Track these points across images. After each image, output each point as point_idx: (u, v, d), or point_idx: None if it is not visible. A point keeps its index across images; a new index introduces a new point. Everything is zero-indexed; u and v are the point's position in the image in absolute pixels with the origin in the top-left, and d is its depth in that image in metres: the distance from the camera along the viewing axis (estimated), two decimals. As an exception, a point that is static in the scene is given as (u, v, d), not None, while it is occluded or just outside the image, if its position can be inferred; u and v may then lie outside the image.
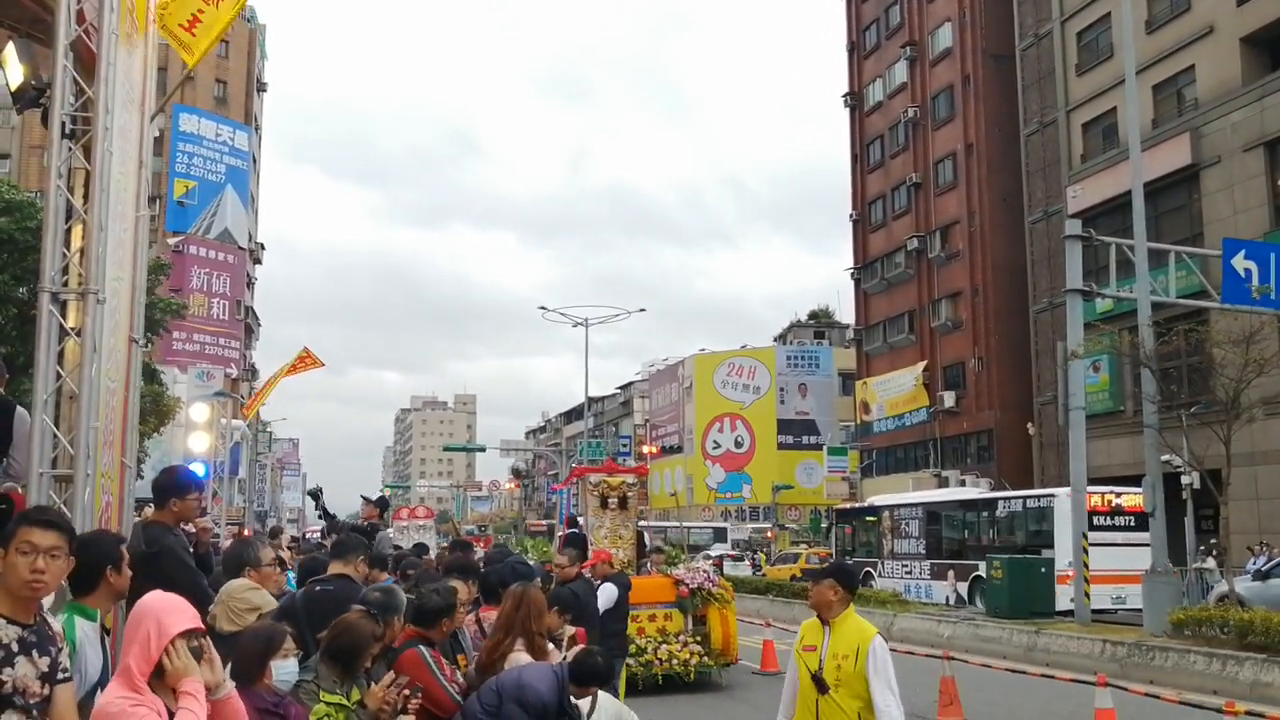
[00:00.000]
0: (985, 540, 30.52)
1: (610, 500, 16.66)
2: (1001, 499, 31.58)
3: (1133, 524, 26.61)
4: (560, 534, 18.07)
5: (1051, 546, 26.93)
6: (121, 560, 4.55)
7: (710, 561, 29.92)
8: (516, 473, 65.99)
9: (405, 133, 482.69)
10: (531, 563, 13.74)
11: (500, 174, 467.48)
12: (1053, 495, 28.67)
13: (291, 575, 12.76)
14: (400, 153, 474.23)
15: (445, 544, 19.14)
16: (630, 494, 16.93)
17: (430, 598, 6.29)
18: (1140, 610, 23.70)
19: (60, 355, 6.16)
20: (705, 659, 15.69)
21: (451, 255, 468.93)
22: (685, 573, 16.31)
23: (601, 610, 11.12)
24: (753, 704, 14.84)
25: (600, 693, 7.95)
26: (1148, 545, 25.78)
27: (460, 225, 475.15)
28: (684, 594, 15.79)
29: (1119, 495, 26.76)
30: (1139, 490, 27.23)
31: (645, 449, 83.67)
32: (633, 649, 14.50)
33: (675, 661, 15.33)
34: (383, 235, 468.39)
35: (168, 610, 3.75)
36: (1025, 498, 30.35)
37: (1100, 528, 24.84)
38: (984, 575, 28.52)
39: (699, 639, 15.77)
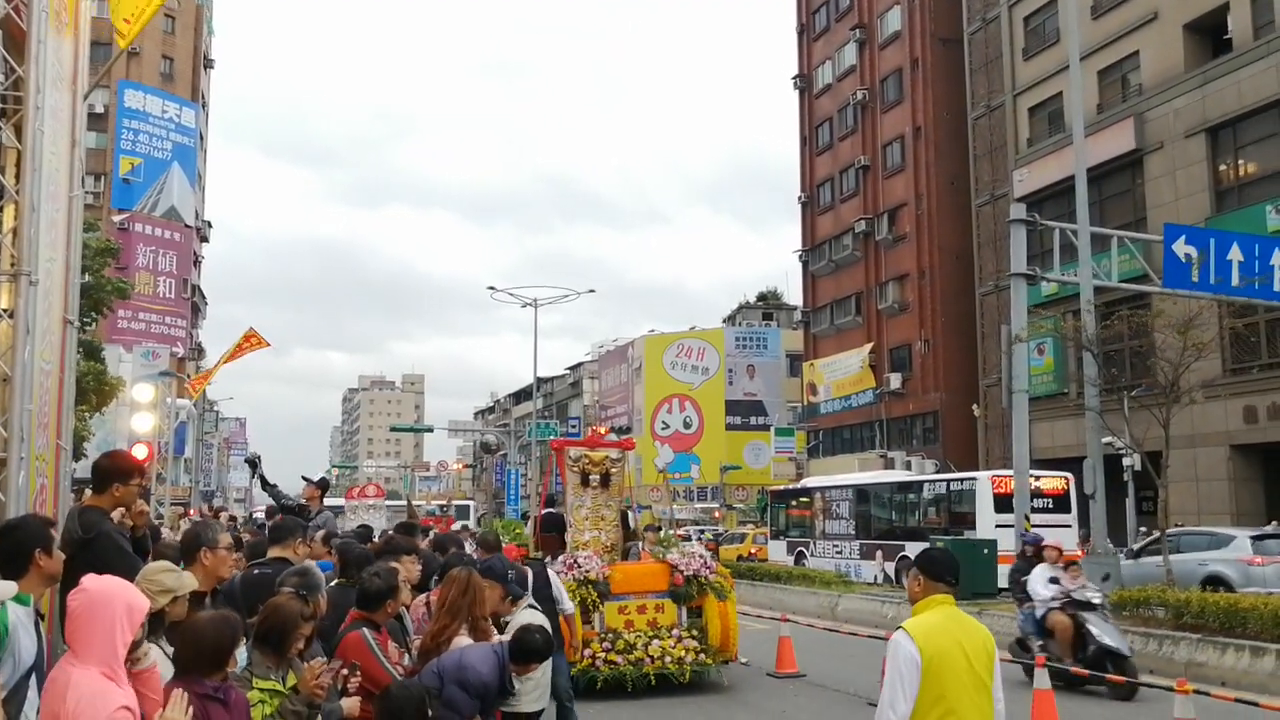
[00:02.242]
0: (911, 521, 31.28)
1: (591, 477, 15.02)
2: (927, 481, 32.43)
3: (1051, 506, 27.46)
4: (536, 515, 16.35)
5: (974, 527, 27.69)
6: (51, 543, 4.50)
7: (704, 544, 29.79)
8: (486, 448, 64.65)
9: (340, 113, 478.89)
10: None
11: (437, 156, 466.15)
12: (974, 478, 29.66)
13: None
14: (336, 133, 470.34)
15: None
16: (614, 470, 15.21)
17: (371, 580, 6.28)
18: None
19: (-8, 337, 6.09)
20: (702, 656, 14.03)
21: (390, 237, 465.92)
22: (679, 558, 14.67)
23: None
24: (759, 708, 13.37)
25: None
26: (1067, 526, 27.08)
27: (398, 206, 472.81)
28: (678, 582, 14.22)
29: (1038, 479, 27.26)
30: (1058, 474, 28.27)
31: (594, 429, 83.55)
32: (620, 644, 13.63)
33: (669, 659, 13.76)
34: (321, 215, 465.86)
35: (132, 594, 3.85)
36: (949, 480, 31.12)
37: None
38: (910, 556, 29.25)
39: (695, 633, 14.16)
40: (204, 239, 74.15)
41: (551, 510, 16.08)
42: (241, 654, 4.45)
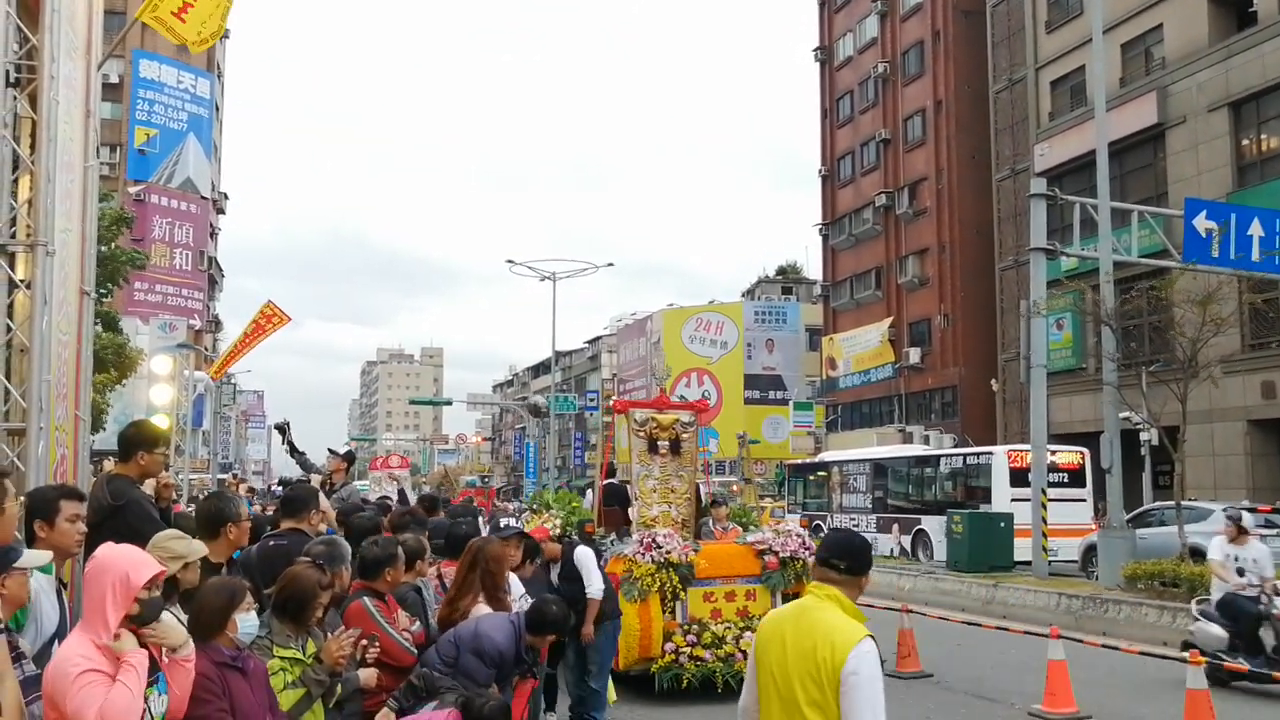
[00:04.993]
0: (928, 495, 31.37)
1: (660, 443, 13.08)
2: (944, 456, 32.42)
3: (1067, 480, 27.61)
4: (598, 485, 14.98)
5: (990, 501, 27.77)
6: (54, 515, 4.55)
7: (799, 521, 29.28)
8: (535, 410, 62.67)
9: (352, 85, 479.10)
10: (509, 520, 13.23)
11: (449, 128, 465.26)
12: (991, 452, 29.82)
13: None
14: (346, 104, 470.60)
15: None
16: (685, 436, 13.29)
17: (369, 549, 6.33)
18: (1074, 562, 25.07)
19: (10, 308, 6.12)
20: None
21: (403, 209, 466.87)
22: (773, 537, 12.82)
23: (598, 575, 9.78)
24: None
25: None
26: (1082, 500, 27.33)
27: (411, 178, 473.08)
28: (773, 565, 12.44)
29: (1054, 453, 27.28)
30: (1074, 449, 28.38)
31: (612, 402, 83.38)
32: (707, 638, 11.95)
33: None
34: (332, 187, 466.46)
35: (132, 564, 3.84)
36: (965, 454, 31.24)
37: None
38: (927, 529, 29.47)
39: None
40: (220, 211, 74.22)
41: (613, 481, 14.71)
42: (250, 620, 4.48)
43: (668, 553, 12.00)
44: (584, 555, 9.87)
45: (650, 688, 11.66)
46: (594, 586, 9.63)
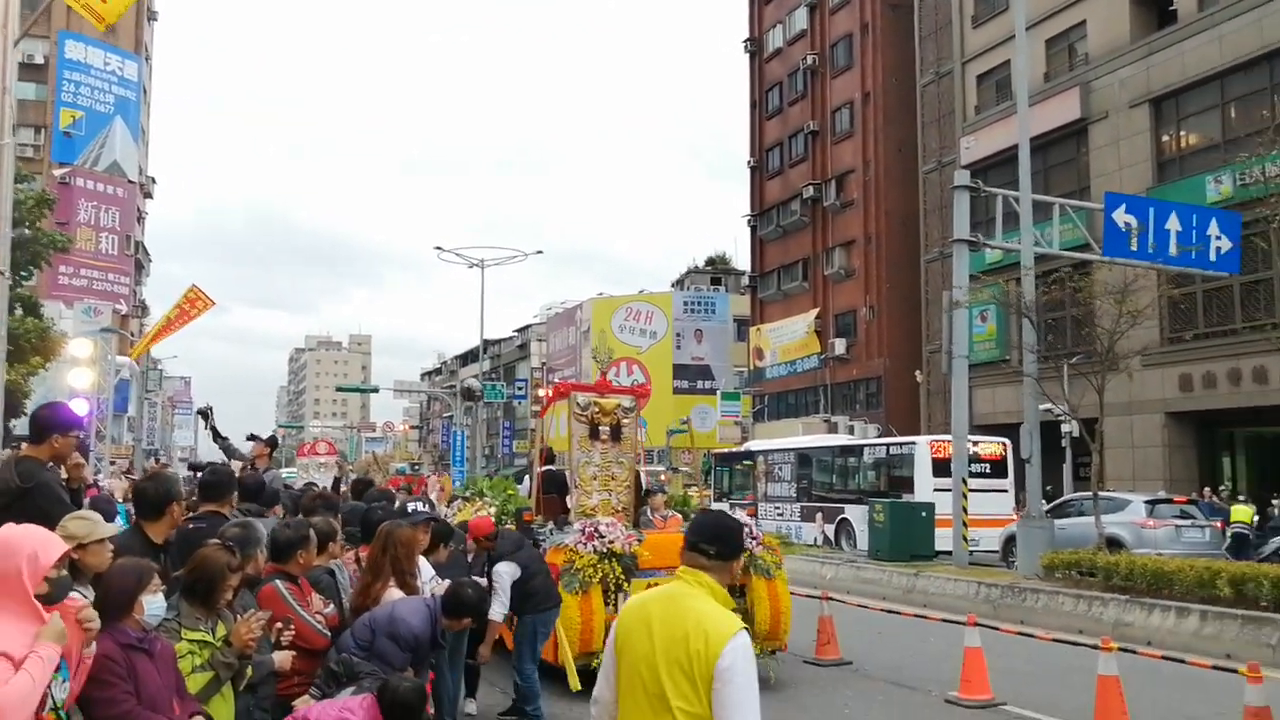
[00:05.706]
0: (851, 485, 31.72)
1: (601, 429, 12.70)
2: (867, 446, 32.76)
3: (989, 471, 28.04)
4: (536, 472, 14.47)
5: (913, 491, 28.13)
6: None
7: (745, 510, 29.28)
8: (469, 394, 61.26)
9: (279, 69, 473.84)
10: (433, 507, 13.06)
11: (377, 114, 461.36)
12: (913, 443, 30.16)
13: (123, 509, 12.56)
14: (273, 89, 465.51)
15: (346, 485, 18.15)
16: (626, 421, 12.90)
17: (281, 531, 6.33)
18: (996, 552, 25.18)
19: (-80, 287, 6.02)
20: None
21: (330, 195, 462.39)
22: None
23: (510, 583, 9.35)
24: (814, 710, 11.34)
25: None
26: (1004, 491, 27.70)
27: (346, 162, 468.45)
28: None
29: (976, 444, 27.73)
30: (996, 439, 28.87)
31: (542, 392, 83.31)
32: None
33: None
34: (258, 173, 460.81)
35: (40, 544, 3.80)
36: (889, 445, 31.56)
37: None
38: (850, 518, 29.79)
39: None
40: (148, 195, 73.09)
41: (551, 468, 14.35)
42: (158, 602, 4.46)
43: (610, 542, 11.61)
44: (500, 574, 9.41)
45: (592, 682, 11.18)
46: (496, 609, 9.14)
